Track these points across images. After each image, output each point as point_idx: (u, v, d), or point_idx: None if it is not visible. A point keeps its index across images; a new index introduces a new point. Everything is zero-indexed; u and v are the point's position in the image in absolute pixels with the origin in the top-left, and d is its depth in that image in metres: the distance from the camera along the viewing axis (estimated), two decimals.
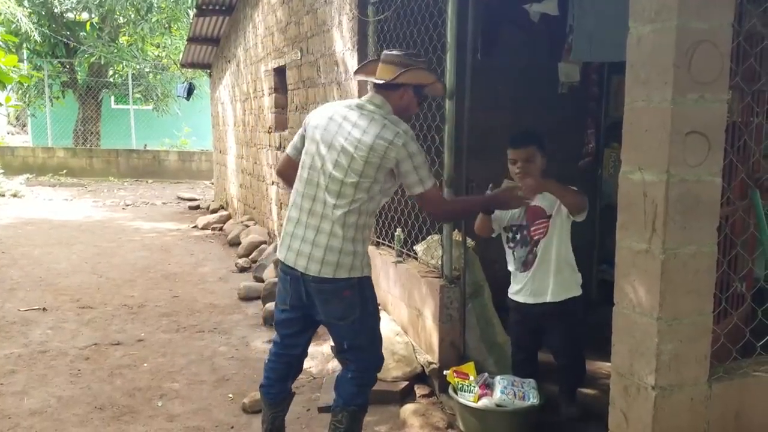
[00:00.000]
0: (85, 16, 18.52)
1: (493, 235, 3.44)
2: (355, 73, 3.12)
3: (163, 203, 13.00)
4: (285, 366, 3.09)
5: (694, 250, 2.17)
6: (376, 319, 3.00)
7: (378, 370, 3.05)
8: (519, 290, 3.35)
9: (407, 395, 3.77)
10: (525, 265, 3.29)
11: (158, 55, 20.46)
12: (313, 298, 2.85)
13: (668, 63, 2.07)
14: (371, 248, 4.84)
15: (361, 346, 2.93)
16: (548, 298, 3.24)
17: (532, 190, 3.07)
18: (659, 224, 2.12)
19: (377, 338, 3.00)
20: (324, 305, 2.85)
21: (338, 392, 2.99)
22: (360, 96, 4.85)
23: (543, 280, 3.24)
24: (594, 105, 5.54)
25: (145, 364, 4.40)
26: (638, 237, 2.20)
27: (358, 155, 2.71)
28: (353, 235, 2.77)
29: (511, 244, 3.35)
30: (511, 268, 3.42)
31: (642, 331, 2.22)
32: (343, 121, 2.80)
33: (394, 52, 2.93)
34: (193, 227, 10.12)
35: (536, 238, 3.22)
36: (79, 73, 19.44)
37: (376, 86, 2.86)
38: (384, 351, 3.92)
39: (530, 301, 3.30)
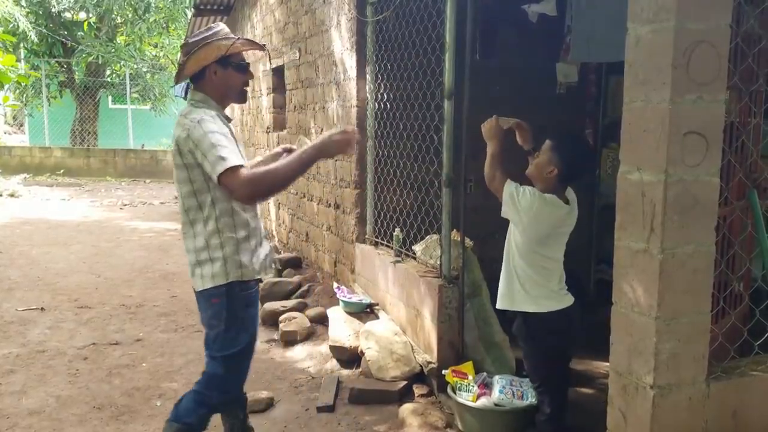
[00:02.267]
0: (82, 15, 18.51)
1: None
2: (175, 80, 2.89)
3: (161, 203, 12.99)
4: None
5: (693, 249, 2.18)
6: (241, 350, 2.73)
7: (224, 396, 2.78)
8: None
9: (406, 395, 3.78)
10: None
11: (156, 55, 20.46)
12: None
13: (667, 63, 2.08)
14: (369, 248, 4.85)
15: (216, 361, 2.72)
16: (498, 303, 3.10)
17: (485, 127, 3.09)
18: (657, 224, 2.13)
19: (237, 367, 2.76)
20: (200, 311, 2.79)
21: (177, 405, 2.81)
22: (359, 97, 4.90)
23: (500, 281, 3.11)
24: (592, 105, 5.57)
25: (144, 364, 4.40)
26: (637, 237, 2.21)
27: (175, 164, 2.64)
28: (209, 242, 2.63)
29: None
30: None
31: (640, 331, 2.22)
32: None
33: (183, 42, 2.76)
34: None
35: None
36: (77, 73, 19.41)
37: (192, 83, 2.76)
38: (383, 350, 3.97)
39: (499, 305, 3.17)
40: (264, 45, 2.99)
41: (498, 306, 3.11)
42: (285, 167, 2.57)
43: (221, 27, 2.74)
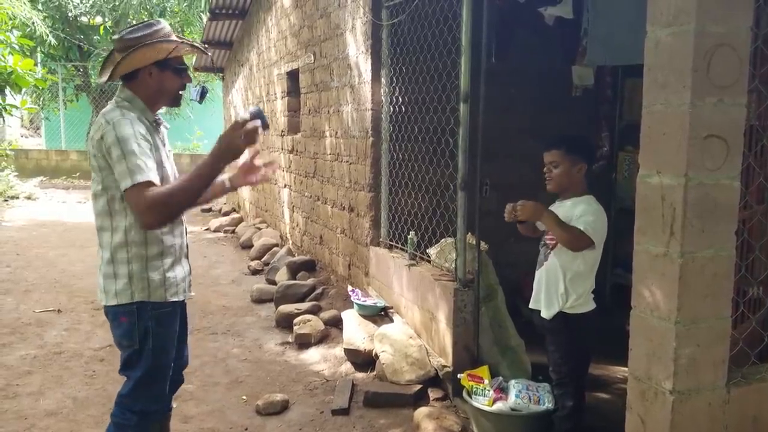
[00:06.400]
0: (98, 19, 18.65)
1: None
2: (100, 74, 2.65)
3: None
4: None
5: (713, 253, 2.16)
6: (158, 364, 2.54)
7: (141, 419, 2.56)
8: None
9: (421, 398, 3.77)
10: (539, 263, 3.24)
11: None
12: None
13: (687, 67, 2.07)
14: (384, 251, 4.85)
15: (131, 380, 2.55)
16: (538, 306, 3.12)
17: (524, 211, 3.02)
18: (677, 228, 2.12)
19: (153, 382, 2.55)
20: (111, 329, 2.59)
21: None
22: (373, 100, 4.90)
23: (542, 286, 3.12)
24: (608, 108, 5.54)
25: None
26: (656, 241, 2.19)
27: (90, 165, 2.46)
28: (115, 256, 2.44)
29: (541, 242, 3.28)
30: None
31: (660, 335, 2.21)
32: None
33: (118, 36, 2.51)
34: (205, 229, 10.16)
35: (550, 243, 3.16)
36: (93, 77, 19.55)
37: (122, 80, 2.52)
38: (397, 354, 3.97)
39: (531, 305, 3.19)
40: (206, 49, 2.81)
41: (545, 316, 3.07)
42: (186, 186, 2.35)
43: (162, 25, 2.52)
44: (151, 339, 2.49)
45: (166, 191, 2.31)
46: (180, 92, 2.61)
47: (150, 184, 2.28)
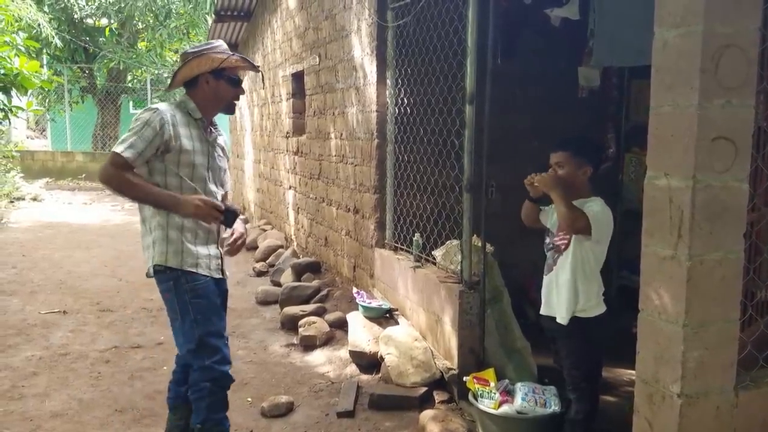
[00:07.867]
0: (104, 21, 18.71)
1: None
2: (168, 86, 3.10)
3: None
4: (180, 368, 3.06)
5: (721, 256, 2.15)
6: (205, 329, 2.80)
7: (213, 386, 2.83)
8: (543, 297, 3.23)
9: (426, 401, 3.75)
10: (547, 267, 3.20)
11: (176, 61, 20.61)
12: None
13: (694, 68, 2.05)
14: (389, 253, 4.84)
15: (191, 356, 2.82)
16: (553, 313, 3.07)
17: (542, 181, 2.99)
18: (685, 230, 2.10)
19: (207, 348, 2.80)
20: None
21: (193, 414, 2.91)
22: (379, 102, 4.90)
23: (552, 291, 3.07)
24: (614, 109, 5.52)
25: (165, 367, 4.42)
26: (664, 243, 2.18)
27: None
28: (148, 227, 2.81)
29: (548, 246, 3.24)
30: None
31: (667, 338, 2.19)
32: None
33: (182, 52, 2.98)
34: None
35: (560, 245, 3.12)
36: (98, 78, 19.64)
37: (185, 89, 2.93)
38: (402, 356, 3.96)
39: (543, 311, 3.14)
40: (258, 66, 3.12)
41: (562, 321, 3.01)
42: (144, 192, 2.70)
43: (220, 42, 2.93)
44: (191, 310, 2.78)
45: (126, 178, 2.65)
46: (234, 101, 2.95)
47: (120, 157, 2.63)
